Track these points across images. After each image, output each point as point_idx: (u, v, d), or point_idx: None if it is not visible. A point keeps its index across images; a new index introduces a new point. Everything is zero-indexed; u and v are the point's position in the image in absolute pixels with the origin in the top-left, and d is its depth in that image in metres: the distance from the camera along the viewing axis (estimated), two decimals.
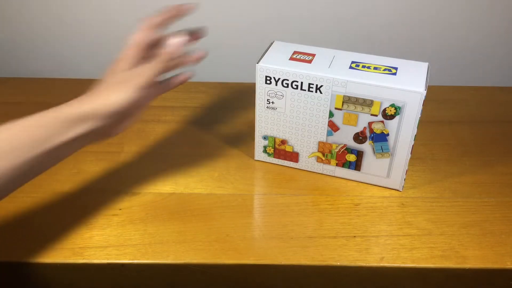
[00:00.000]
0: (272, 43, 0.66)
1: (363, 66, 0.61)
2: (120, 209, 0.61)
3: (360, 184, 0.66)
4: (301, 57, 0.63)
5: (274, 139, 0.67)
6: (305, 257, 0.56)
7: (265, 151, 0.69)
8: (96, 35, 0.91)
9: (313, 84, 0.60)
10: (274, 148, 0.68)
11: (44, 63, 0.95)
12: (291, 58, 0.62)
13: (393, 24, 0.89)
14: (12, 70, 0.95)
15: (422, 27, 0.89)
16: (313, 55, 0.63)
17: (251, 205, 0.63)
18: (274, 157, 0.69)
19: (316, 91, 0.61)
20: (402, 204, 0.63)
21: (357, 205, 0.63)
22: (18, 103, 0.83)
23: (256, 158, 0.70)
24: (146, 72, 0.53)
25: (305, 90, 0.61)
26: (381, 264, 0.55)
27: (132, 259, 0.55)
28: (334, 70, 0.60)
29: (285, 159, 0.68)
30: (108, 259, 0.55)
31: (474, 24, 0.89)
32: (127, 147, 0.73)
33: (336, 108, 0.61)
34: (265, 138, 0.68)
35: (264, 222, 0.60)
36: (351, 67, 0.60)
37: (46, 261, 0.55)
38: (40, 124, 0.48)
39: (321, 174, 0.68)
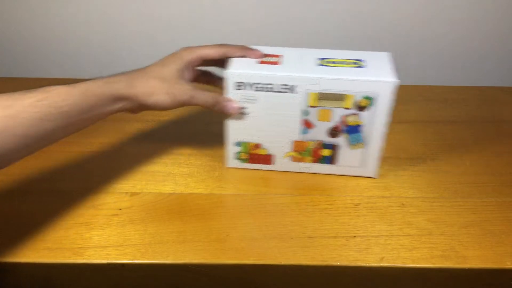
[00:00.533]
0: None
1: (332, 62, 0.61)
2: (120, 209, 0.61)
3: (360, 183, 0.66)
4: (269, 59, 0.62)
5: (247, 144, 0.66)
6: (305, 257, 0.55)
7: (238, 157, 0.68)
8: (96, 35, 0.91)
9: (286, 85, 0.60)
10: (248, 153, 0.67)
11: (44, 63, 0.95)
12: (261, 62, 0.62)
13: (393, 24, 0.89)
14: (12, 70, 0.95)
15: (423, 27, 0.89)
16: (279, 56, 0.63)
17: (251, 205, 0.63)
18: (248, 162, 0.68)
19: (289, 92, 0.60)
20: (402, 204, 0.63)
21: (357, 205, 0.63)
22: None
23: (229, 165, 0.68)
24: (198, 98, 0.60)
25: (278, 91, 0.60)
26: (381, 264, 0.55)
27: (132, 259, 0.55)
28: (305, 69, 0.60)
29: (259, 162, 0.67)
30: (108, 259, 0.55)
31: (474, 24, 0.89)
32: (127, 147, 0.73)
33: (310, 106, 0.61)
34: (238, 144, 0.66)
35: (264, 222, 0.60)
36: (320, 64, 0.60)
37: (46, 261, 0.55)
38: (91, 94, 0.54)
39: (317, 173, 0.68)
